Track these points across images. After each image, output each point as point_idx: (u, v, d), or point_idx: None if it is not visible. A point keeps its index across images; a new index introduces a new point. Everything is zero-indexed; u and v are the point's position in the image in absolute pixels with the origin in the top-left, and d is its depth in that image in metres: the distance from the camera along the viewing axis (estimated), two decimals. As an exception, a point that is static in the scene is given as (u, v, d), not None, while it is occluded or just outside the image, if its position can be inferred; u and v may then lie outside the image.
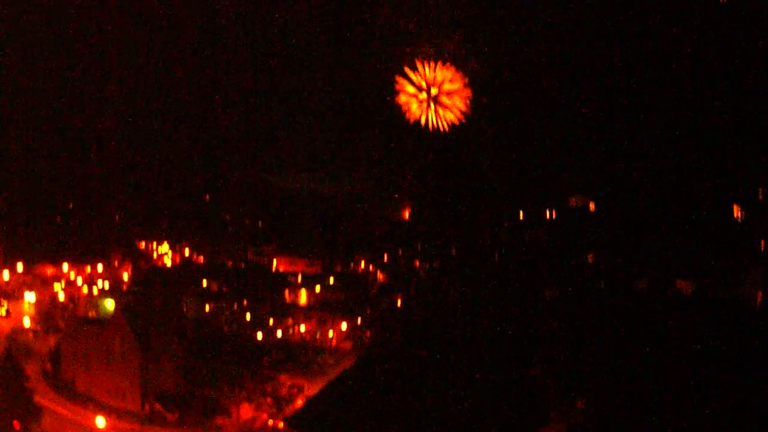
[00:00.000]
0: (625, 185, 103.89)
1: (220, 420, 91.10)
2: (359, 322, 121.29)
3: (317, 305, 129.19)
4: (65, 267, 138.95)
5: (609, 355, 69.53)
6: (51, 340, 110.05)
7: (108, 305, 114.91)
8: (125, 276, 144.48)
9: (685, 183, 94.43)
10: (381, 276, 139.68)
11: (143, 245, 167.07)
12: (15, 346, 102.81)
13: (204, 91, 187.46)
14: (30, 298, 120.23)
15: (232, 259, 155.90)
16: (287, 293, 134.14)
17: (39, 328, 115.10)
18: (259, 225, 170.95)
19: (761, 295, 72.36)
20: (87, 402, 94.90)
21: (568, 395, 69.79)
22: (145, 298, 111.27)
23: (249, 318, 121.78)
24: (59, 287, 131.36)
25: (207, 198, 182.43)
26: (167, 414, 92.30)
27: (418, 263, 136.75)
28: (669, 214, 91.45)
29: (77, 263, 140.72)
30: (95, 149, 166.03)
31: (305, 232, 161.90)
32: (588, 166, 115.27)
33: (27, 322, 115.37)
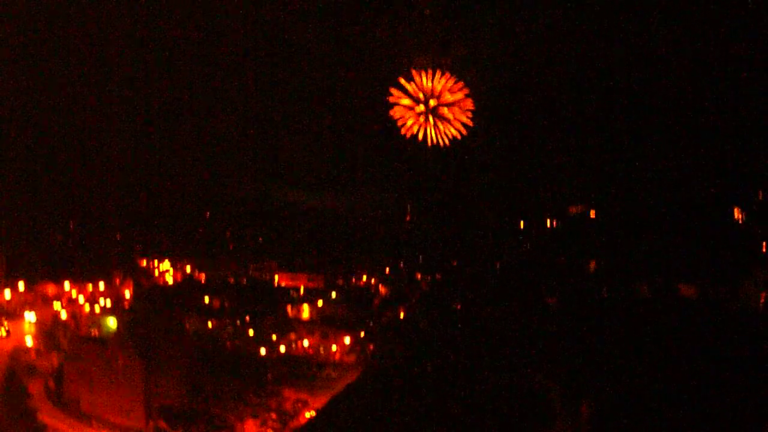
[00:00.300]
0: (626, 191, 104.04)
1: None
2: (362, 335, 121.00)
3: (320, 319, 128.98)
4: (67, 285, 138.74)
5: (613, 360, 69.26)
6: (54, 358, 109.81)
7: (110, 323, 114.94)
8: (127, 294, 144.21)
9: (686, 187, 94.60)
10: (383, 289, 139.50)
11: (144, 263, 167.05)
12: (18, 364, 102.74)
13: (206, 109, 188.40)
14: (30, 317, 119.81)
15: (233, 276, 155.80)
16: (289, 308, 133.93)
17: (41, 346, 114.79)
18: (260, 241, 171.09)
19: (764, 298, 72.24)
20: (91, 419, 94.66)
21: (572, 401, 69.44)
22: (148, 315, 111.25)
23: (252, 333, 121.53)
24: (61, 306, 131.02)
25: (207, 215, 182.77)
26: (172, 430, 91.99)
27: (419, 275, 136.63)
28: (670, 218, 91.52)
29: (79, 282, 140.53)
30: (97, 168, 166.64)
31: (306, 247, 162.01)
32: (587, 173, 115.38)
33: (29, 340, 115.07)
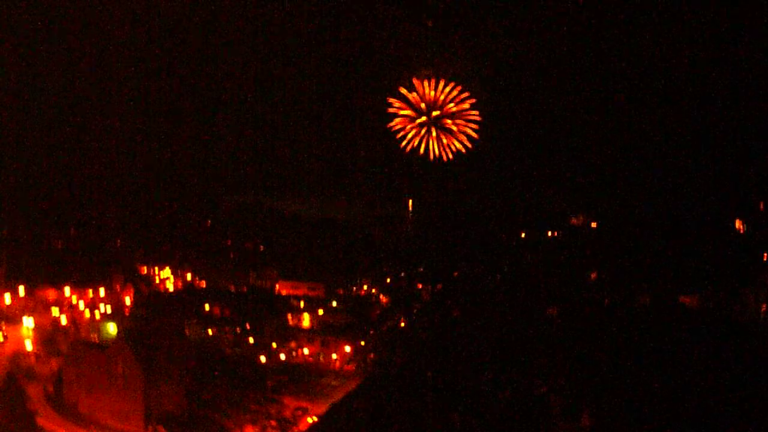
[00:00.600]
0: (627, 202, 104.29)
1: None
2: (362, 344, 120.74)
3: (320, 328, 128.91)
4: (67, 291, 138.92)
5: (614, 371, 69.14)
6: (53, 363, 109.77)
7: (110, 329, 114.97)
8: (127, 300, 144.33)
9: (687, 197, 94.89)
10: (384, 298, 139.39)
11: (145, 270, 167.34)
12: (17, 368, 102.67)
13: (208, 118, 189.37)
14: (29, 323, 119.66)
15: (234, 284, 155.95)
16: (290, 317, 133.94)
17: (41, 351, 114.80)
18: (261, 249, 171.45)
19: (765, 307, 72.35)
20: (90, 424, 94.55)
21: (573, 412, 69.25)
22: (147, 321, 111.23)
23: (252, 341, 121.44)
24: (61, 311, 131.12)
25: (209, 223, 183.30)
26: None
27: (420, 285, 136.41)
28: (671, 228, 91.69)
29: (79, 287, 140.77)
30: (98, 174, 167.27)
31: (307, 255, 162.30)
32: (588, 183, 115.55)
33: (29, 345, 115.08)
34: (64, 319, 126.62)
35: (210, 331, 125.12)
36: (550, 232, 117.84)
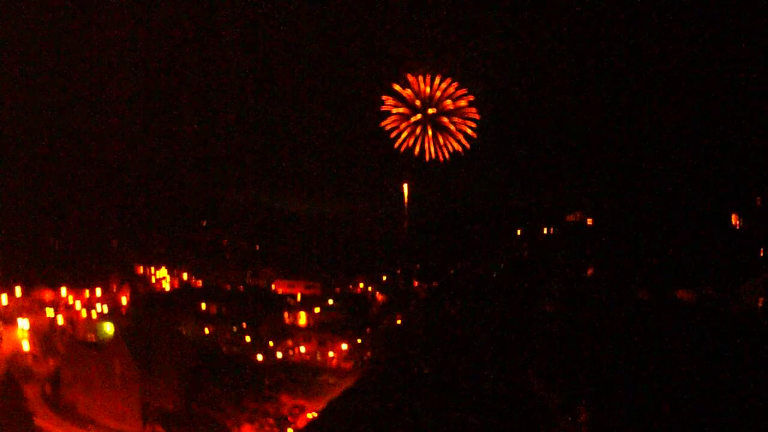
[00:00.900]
0: (623, 198, 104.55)
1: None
2: (359, 342, 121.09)
3: (317, 326, 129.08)
4: (64, 291, 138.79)
5: (611, 366, 69.50)
6: (50, 363, 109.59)
7: (107, 328, 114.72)
8: (124, 300, 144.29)
9: (684, 193, 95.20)
10: (380, 296, 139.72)
11: (141, 270, 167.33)
12: (15, 368, 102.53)
13: (202, 117, 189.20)
14: (24, 324, 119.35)
15: (230, 283, 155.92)
16: (287, 315, 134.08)
17: (38, 351, 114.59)
18: (257, 248, 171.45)
19: (762, 302, 72.72)
20: (88, 424, 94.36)
21: (570, 407, 69.57)
22: (144, 321, 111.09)
23: (249, 340, 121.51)
24: (58, 311, 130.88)
25: (204, 222, 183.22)
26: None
27: (416, 283, 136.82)
28: (668, 224, 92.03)
29: (76, 287, 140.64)
30: (94, 174, 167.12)
31: (303, 254, 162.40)
32: (584, 180, 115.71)
33: (26, 345, 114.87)
34: (61, 320, 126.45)
35: (207, 330, 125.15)
36: (546, 228, 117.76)
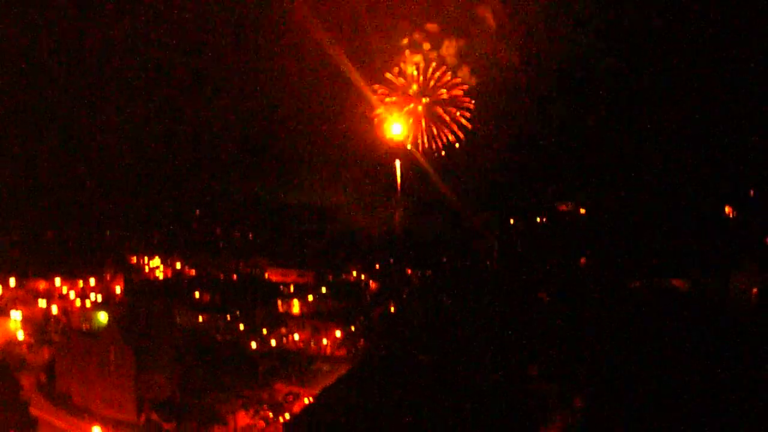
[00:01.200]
0: (616, 188, 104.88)
1: (217, 428, 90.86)
2: (353, 329, 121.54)
3: (310, 314, 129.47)
4: (58, 281, 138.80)
5: (606, 355, 70.15)
6: (45, 352, 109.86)
7: (101, 317, 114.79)
8: (117, 289, 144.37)
9: (678, 183, 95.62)
10: (373, 284, 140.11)
11: (135, 259, 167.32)
12: (9, 358, 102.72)
13: (196, 108, 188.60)
14: (16, 316, 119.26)
15: (223, 272, 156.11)
16: (280, 303, 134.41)
17: (33, 340, 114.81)
18: (250, 236, 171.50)
19: (755, 292, 73.24)
20: (83, 413, 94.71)
21: (565, 396, 70.24)
22: (138, 310, 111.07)
23: (243, 328, 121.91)
24: (52, 301, 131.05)
25: (197, 212, 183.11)
26: (164, 423, 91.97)
27: (410, 271, 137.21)
28: (661, 215, 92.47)
29: (70, 277, 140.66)
30: (88, 164, 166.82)
31: (296, 242, 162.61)
32: (577, 170, 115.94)
33: (21, 335, 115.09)
34: (55, 309, 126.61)
35: (201, 319, 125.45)
36: (539, 218, 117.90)
